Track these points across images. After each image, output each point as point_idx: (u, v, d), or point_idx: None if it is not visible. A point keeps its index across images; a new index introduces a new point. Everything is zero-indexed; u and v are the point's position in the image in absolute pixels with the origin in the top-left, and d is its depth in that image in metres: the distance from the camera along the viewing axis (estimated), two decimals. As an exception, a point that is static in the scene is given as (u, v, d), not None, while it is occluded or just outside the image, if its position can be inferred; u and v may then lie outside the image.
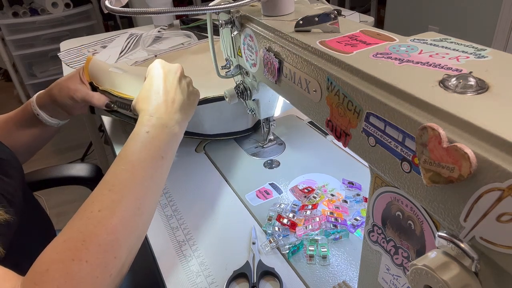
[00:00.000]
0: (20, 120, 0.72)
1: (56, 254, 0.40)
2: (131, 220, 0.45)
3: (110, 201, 0.45)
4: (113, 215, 0.43)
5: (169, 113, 0.55)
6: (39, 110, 0.70)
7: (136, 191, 0.47)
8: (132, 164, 0.49)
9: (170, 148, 0.54)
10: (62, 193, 1.87)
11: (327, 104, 0.40)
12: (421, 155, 0.27)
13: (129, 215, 0.45)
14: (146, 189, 0.48)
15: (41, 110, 0.70)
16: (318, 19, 0.45)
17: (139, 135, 0.52)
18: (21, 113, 0.72)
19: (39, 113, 0.70)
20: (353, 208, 0.66)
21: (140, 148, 0.51)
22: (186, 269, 0.58)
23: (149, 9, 0.47)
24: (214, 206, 0.70)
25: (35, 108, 0.70)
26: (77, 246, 0.40)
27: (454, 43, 0.36)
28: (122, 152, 0.50)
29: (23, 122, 0.72)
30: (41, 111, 0.70)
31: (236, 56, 0.67)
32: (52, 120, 0.72)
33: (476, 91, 0.28)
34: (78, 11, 2.73)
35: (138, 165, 0.49)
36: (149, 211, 0.49)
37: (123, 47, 1.40)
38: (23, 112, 0.71)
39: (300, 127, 0.91)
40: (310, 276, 0.55)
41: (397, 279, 0.38)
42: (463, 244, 0.26)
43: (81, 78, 0.72)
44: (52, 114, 0.72)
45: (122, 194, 0.46)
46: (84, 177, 0.88)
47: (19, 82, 2.80)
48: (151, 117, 0.53)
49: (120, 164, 0.49)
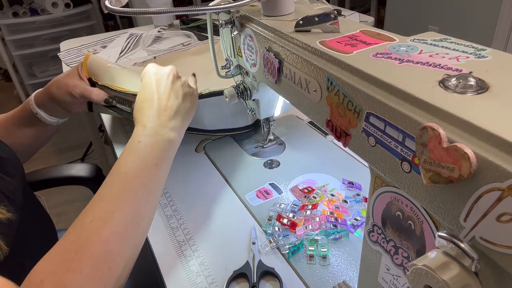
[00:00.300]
0: (19, 119, 0.71)
1: (50, 265, 0.39)
2: (125, 231, 0.44)
3: (102, 211, 0.44)
4: (106, 226, 0.43)
5: (162, 120, 0.54)
6: (37, 109, 0.70)
7: (129, 201, 0.46)
8: (125, 174, 0.48)
9: (165, 155, 0.53)
10: (62, 193, 1.87)
11: (327, 104, 0.40)
12: (421, 155, 0.27)
13: (123, 225, 0.44)
14: (141, 199, 0.48)
15: (39, 109, 0.70)
16: (318, 19, 0.45)
17: (131, 146, 0.51)
18: (20, 112, 0.71)
19: (38, 112, 0.70)
20: (353, 208, 0.66)
21: (132, 158, 0.50)
22: (186, 269, 0.58)
23: (149, 9, 0.47)
24: (214, 206, 0.70)
25: (34, 107, 0.70)
26: (70, 257, 0.40)
27: (454, 43, 0.36)
28: (115, 165, 0.50)
29: (22, 121, 0.71)
30: (39, 110, 0.70)
31: (236, 56, 0.67)
32: (51, 119, 0.72)
33: (476, 91, 0.28)
34: (78, 11, 2.73)
35: (131, 175, 0.48)
36: (145, 221, 0.48)
37: (123, 47, 1.40)
38: (22, 112, 0.71)
39: (300, 127, 0.91)
40: (310, 276, 0.55)
41: (397, 279, 0.38)
42: (463, 244, 0.26)
43: (80, 74, 0.72)
44: (51, 112, 0.71)
45: (114, 205, 0.45)
46: (84, 177, 0.88)
47: (19, 82, 2.80)
48: (144, 128, 0.53)
49: (113, 175, 0.48)
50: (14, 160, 0.61)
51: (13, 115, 0.72)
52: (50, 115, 0.72)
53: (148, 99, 0.56)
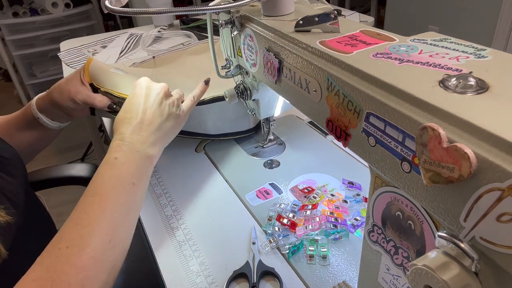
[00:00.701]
0: (21, 123, 0.71)
1: None
2: (102, 255, 0.43)
3: (78, 236, 0.42)
4: (82, 252, 0.41)
5: (143, 136, 0.53)
6: (39, 114, 0.69)
7: (105, 223, 0.44)
8: (100, 194, 0.46)
9: (143, 173, 0.52)
10: (62, 193, 1.87)
11: (327, 104, 0.40)
12: (421, 155, 0.27)
13: (100, 249, 0.43)
14: (117, 220, 0.46)
15: (41, 114, 0.69)
16: (318, 19, 0.45)
17: (107, 163, 0.50)
18: (21, 116, 0.71)
19: (40, 116, 0.69)
20: (353, 208, 0.66)
21: (109, 176, 0.48)
22: (186, 269, 0.58)
23: (149, 9, 0.47)
24: (214, 206, 0.70)
25: (36, 112, 0.69)
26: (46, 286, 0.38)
27: (454, 43, 0.36)
28: (91, 182, 0.48)
29: (24, 125, 0.71)
30: (41, 114, 0.69)
31: (236, 56, 0.67)
32: (53, 124, 0.71)
33: (476, 91, 0.28)
34: (78, 11, 2.73)
35: (107, 195, 0.47)
36: (123, 242, 0.47)
37: (123, 47, 1.40)
38: (24, 115, 0.71)
39: (300, 127, 0.91)
40: (310, 276, 0.55)
41: (397, 279, 0.38)
42: (463, 244, 0.26)
43: (82, 80, 0.71)
44: (53, 117, 0.71)
45: (91, 228, 0.43)
46: (84, 177, 0.88)
47: (19, 82, 2.80)
48: (122, 142, 0.51)
49: (89, 196, 0.47)
50: (16, 160, 0.60)
51: (15, 118, 0.71)
52: (52, 120, 0.71)
53: (133, 110, 0.54)
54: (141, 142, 0.52)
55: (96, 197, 0.46)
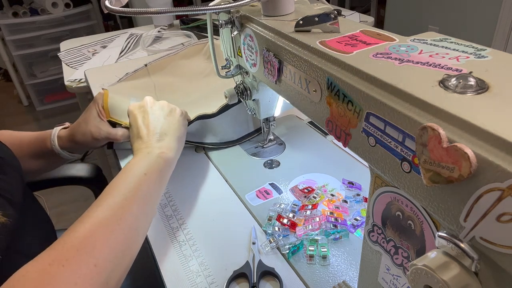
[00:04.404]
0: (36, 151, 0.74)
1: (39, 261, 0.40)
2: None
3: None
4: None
5: (147, 142, 0.60)
6: (60, 150, 0.73)
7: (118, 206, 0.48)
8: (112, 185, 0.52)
9: (155, 168, 0.56)
10: (62, 193, 1.87)
11: (327, 104, 0.40)
12: (421, 155, 0.27)
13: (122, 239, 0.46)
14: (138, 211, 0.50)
15: (62, 150, 0.73)
16: (318, 19, 0.45)
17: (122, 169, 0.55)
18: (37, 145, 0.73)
19: (61, 152, 0.73)
20: (353, 208, 0.66)
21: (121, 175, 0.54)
22: (186, 269, 0.58)
23: (149, 9, 0.47)
24: (214, 206, 0.70)
25: (57, 149, 0.73)
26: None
27: (454, 43, 0.36)
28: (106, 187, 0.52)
29: (39, 153, 0.74)
30: (62, 150, 0.73)
31: (236, 56, 0.67)
32: (72, 156, 0.76)
33: (476, 91, 0.28)
34: (78, 11, 2.73)
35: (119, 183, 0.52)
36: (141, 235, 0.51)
37: (123, 47, 1.40)
38: (41, 147, 0.73)
39: (300, 127, 0.91)
40: (310, 276, 0.55)
41: (397, 279, 0.38)
42: (463, 244, 0.26)
43: (99, 115, 0.74)
44: (73, 151, 0.75)
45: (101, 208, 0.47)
46: (84, 177, 0.88)
47: (19, 82, 2.80)
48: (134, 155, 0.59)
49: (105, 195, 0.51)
50: (11, 159, 0.61)
51: (27, 144, 0.74)
52: (72, 153, 0.76)
53: (134, 134, 0.63)
54: (148, 147, 0.59)
55: (109, 188, 0.51)
